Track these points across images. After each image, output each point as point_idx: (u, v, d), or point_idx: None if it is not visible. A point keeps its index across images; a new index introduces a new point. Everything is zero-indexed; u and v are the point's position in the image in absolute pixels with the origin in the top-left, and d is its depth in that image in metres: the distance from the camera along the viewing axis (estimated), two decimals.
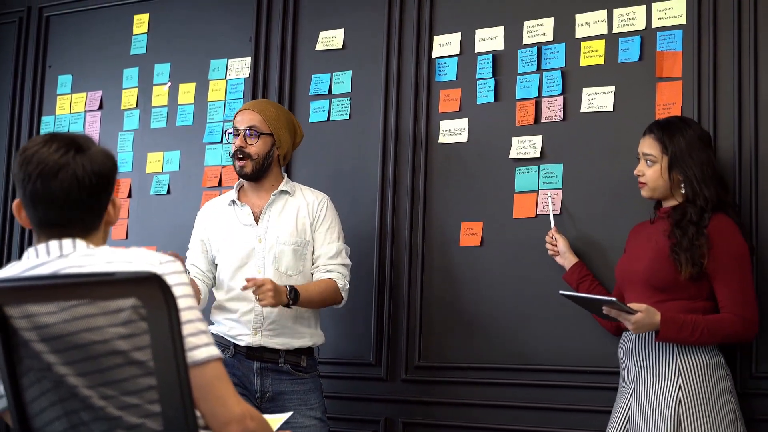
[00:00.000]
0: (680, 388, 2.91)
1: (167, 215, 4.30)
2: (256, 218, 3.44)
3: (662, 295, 3.00)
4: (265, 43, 4.25)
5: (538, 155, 3.60)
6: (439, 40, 3.88)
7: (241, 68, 4.28)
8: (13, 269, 1.95)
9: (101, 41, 4.65)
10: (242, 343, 3.35)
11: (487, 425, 3.59)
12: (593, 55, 3.56)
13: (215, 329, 3.39)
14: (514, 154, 3.64)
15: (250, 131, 3.41)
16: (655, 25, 3.47)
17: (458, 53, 3.83)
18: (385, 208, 3.87)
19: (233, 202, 3.49)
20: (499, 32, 3.76)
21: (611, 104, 3.51)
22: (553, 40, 3.65)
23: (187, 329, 1.82)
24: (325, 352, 3.66)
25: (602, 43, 3.56)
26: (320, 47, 4.13)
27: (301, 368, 3.39)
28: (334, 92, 4.07)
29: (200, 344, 1.85)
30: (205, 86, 4.35)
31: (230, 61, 4.31)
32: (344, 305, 3.49)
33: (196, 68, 4.38)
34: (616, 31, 3.54)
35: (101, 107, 4.61)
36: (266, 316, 3.35)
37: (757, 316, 2.99)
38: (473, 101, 3.77)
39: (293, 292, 3.23)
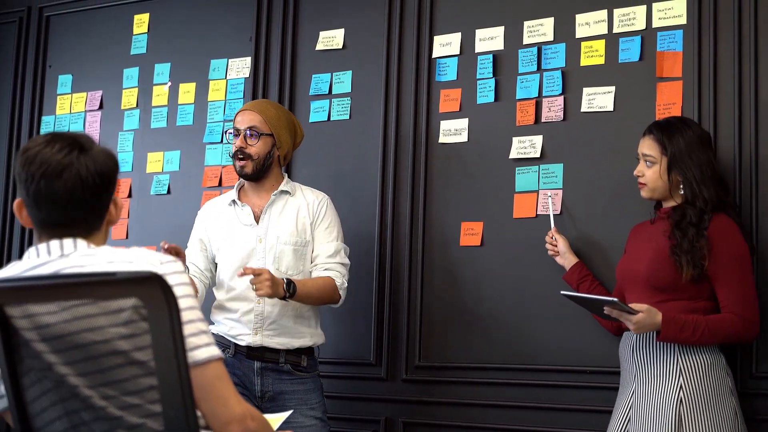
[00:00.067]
0: (681, 388, 2.91)
1: (167, 215, 4.30)
2: (256, 218, 3.45)
3: (663, 295, 3.00)
4: (265, 43, 4.25)
5: (538, 155, 3.60)
6: (439, 40, 3.88)
7: (241, 68, 4.28)
8: (13, 269, 1.95)
9: (101, 41, 4.65)
10: (243, 342, 3.35)
11: (487, 425, 3.59)
12: (593, 55, 3.56)
13: (215, 329, 3.39)
14: (514, 154, 3.65)
15: (250, 132, 3.41)
16: (655, 25, 3.48)
17: (458, 53, 3.83)
18: (385, 208, 3.87)
19: (234, 202, 3.49)
20: (499, 32, 3.76)
21: (611, 104, 3.51)
22: (553, 40, 3.65)
23: (188, 329, 1.82)
24: (325, 351, 3.66)
25: (602, 43, 3.56)
26: (320, 47, 4.13)
27: (301, 368, 3.40)
28: (334, 92, 4.07)
29: (201, 344, 1.85)
30: (205, 86, 4.35)
31: (230, 61, 4.31)
32: (344, 305, 3.49)
33: (196, 68, 4.38)
34: (616, 31, 3.54)
35: (101, 107, 4.61)
36: (267, 315, 3.35)
37: (757, 316, 2.99)
38: (473, 101, 3.77)
39: (290, 285, 3.23)
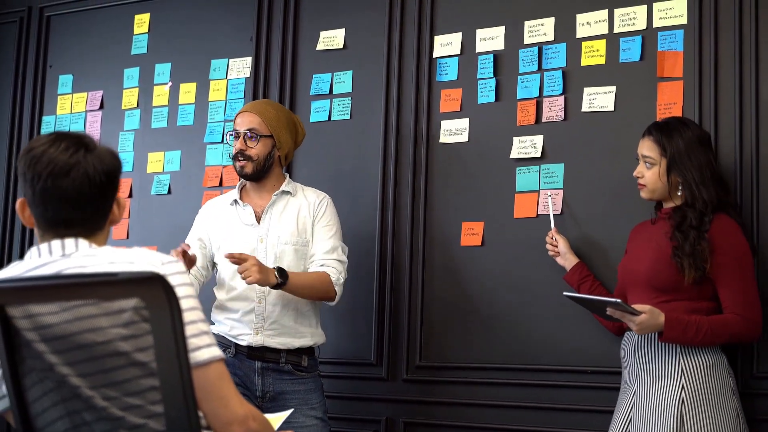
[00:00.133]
0: (683, 388, 2.91)
1: (168, 215, 4.30)
2: (257, 218, 3.45)
3: (665, 295, 3.00)
4: (266, 43, 4.25)
5: (539, 155, 3.60)
6: (440, 39, 3.88)
7: (242, 68, 4.28)
8: (15, 269, 1.95)
9: (102, 41, 4.65)
10: (243, 342, 3.35)
11: (487, 425, 3.59)
12: (594, 54, 3.56)
13: (216, 329, 3.39)
14: (515, 153, 3.64)
15: (250, 134, 3.42)
16: (656, 24, 3.48)
17: (459, 53, 3.83)
18: (386, 208, 3.87)
19: (235, 201, 3.50)
20: (500, 32, 3.76)
21: (612, 104, 3.51)
22: (554, 39, 3.65)
23: (189, 330, 1.81)
24: (326, 351, 3.66)
25: (603, 42, 3.56)
26: (321, 47, 4.13)
27: (302, 368, 3.40)
28: (334, 92, 4.07)
29: (202, 345, 1.85)
30: (205, 86, 4.35)
31: (231, 61, 4.31)
32: (344, 305, 3.50)
33: (196, 68, 4.38)
34: (617, 30, 3.54)
35: (102, 107, 4.61)
36: (268, 315, 3.35)
37: (760, 316, 2.99)
38: (474, 101, 3.77)
39: (282, 273, 3.23)
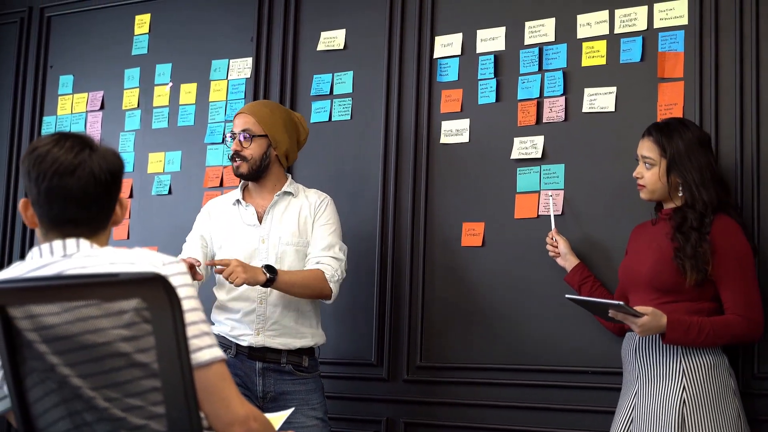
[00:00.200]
0: (684, 388, 2.91)
1: (168, 215, 4.30)
2: (259, 218, 3.45)
3: (666, 296, 3.00)
4: (266, 43, 4.25)
5: (539, 156, 3.60)
6: (440, 40, 3.88)
7: (242, 68, 4.28)
8: (16, 270, 1.96)
9: (103, 41, 4.65)
10: (244, 343, 3.35)
11: (488, 425, 3.59)
12: (595, 55, 3.56)
13: (216, 329, 3.39)
14: (515, 154, 3.65)
15: (244, 134, 3.43)
16: (656, 25, 3.48)
17: (460, 54, 3.83)
18: (386, 208, 3.87)
19: (238, 201, 3.50)
20: (500, 33, 3.76)
21: (613, 105, 3.51)
22: (554, 40, 3.65)
23: (190, 331, 1.81)
24: (326, 352, 3.66)
25: (604, 43, 3.56)
26: (321, 47, 4.13)
27: (302, 368, 3.40)
28: (335, 93, 4.07)
29: (204, 346, 1.85)
30: (206, 86, 4.35)
31: (231, 61, 4.31)
32: (345, 305, 3.49)
33: (197, 69, 4.38)
34: (617, 31, 3.54)
35: (102, 107, 4.61)
36: (269, 316, 3.35)
37: (762, 316, 2.99)
38: (475, 102, 3.77)
39: (271, 270, 3.22)
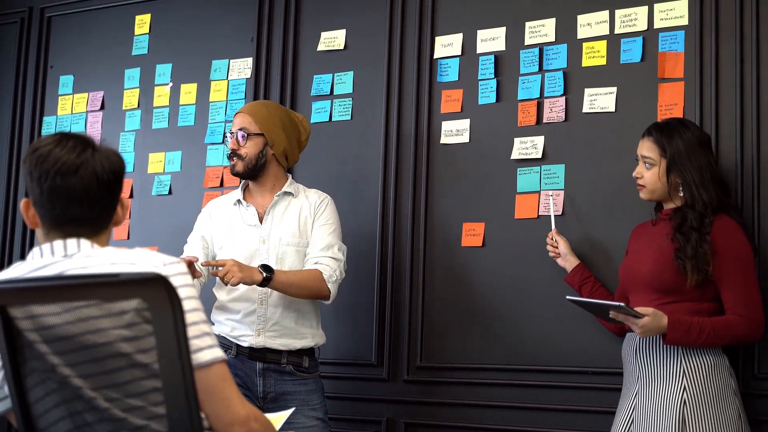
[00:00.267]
0: (685, 389, 2.91)
1: (169, 216, 4.31)
2: (260, 219, 3.45)
3: (666, 297, 3.00)
4: (266, 43, 4.25)
5: (539, 156, 3.60)
6: (440, 40, 3.88)
7: (242, 69, 4.28)
8: (17, 270, 1.96)
9: (103, 42, 4.65)
10: (245, 344, 3.35)
11: (488, 426, 3.59)
12: (595, 55, 3.56)
13: (216, 329, 3.39)
14: (515, 154, 3.65)
15: (240, 133, 3.44)
16: (657, 26, 3.48)
17: (460, 54, 3.83)
18: (386, 208, 3.87)
19: (239, 201, 3.50)
20: (500, 33, 3.76)
21: (613, 105, 3.51)
22: (554, 40, 3.65)
23: (191, 331, 1.81)
24: (326, 352, 3.66)
25: (604, 43, 3.56)
26: (322, 48, 4.13)
27: (303, 369, 3.40)
28: (335, 93, 4.07)
29: (204, 346, 1.85)
30: (206, 87, 4.35)
31: (232, 61, 4.31)
32: (346, 306, 3.49)
33: (197, 69, 4.38)
34: (618, 31, 3.54)
35: (103, 107, 4.61)
36: (269, 317, 3.35)
37: (763, 316, 2.99)
38: (475, 102, 3.77)
39: (268, 269, 3.23)
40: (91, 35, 4.70)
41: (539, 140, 3.61)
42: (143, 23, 4.56)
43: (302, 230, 3.43)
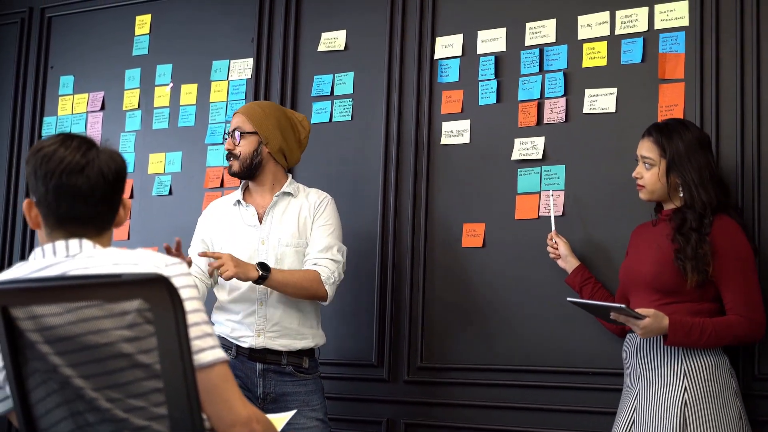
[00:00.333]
0: (686, 390, 2.91)
1: (169, 216, 4.31)
2: (260, 219, 3.45)
3: (667, 298, 3.00)
4: (267, 44, 4.25)
5: (540, 157, 3.60)
6: (441, 41, 3.88)
7: (243, 69, 4.28)
8: (19, 270, 1.96)
9: (103, 42, 4.65)
10: (245, 344, 3.35)
11: (489, 426, 3.59)
12: (596, 56, 3.56)
13: (217, 330, 3.38)
14: (516, 155, 3.65)
15: (235, 133, 3.45)
16: (657, 26, 3.48)
17: (460, 54, 3.83)
18: (387, 209, 3.87)
19: (238, 202, 3.50)
20: (501, 34, 3.76)
21: (614, 106, 3.51)
22: (555, 41, 3.65)
23: (193, 332, 1.81)
24: (327, 353, 3.66)
25: (605, 44, 3.56)
26: (322, 48, 4.13)
27: (303, 369, 3.39)
28: (336, 93, 4.07)
29: (206, 347, 1.85)
30: (207, 87, 4.35)
31: (232, 62, 4.31)
32: (346, 306, 3.49)
33: (198, 69, 4.38)
34: (618, 32, 3.54)
35: (103, 108, 4.61)
36: (269, 317, 3.35)
37: (764, 317, 2.99)
38: (475, 103, 3.77)
39: (264, 267, 3.23)
40: (91, 35, 4.70)
41: (540, 141, 3.61)
42: (144, 24, 4.57)
43: (301, 231, 3.43)
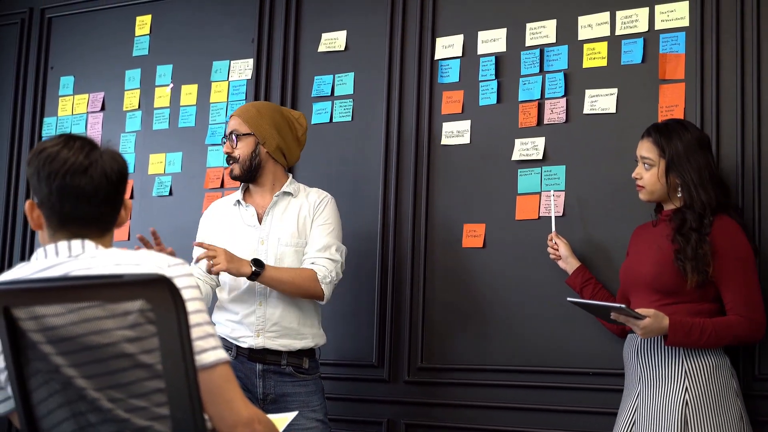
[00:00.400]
0: (687, 390, 2.91)
1: (169, 216, 4.30)
2: (260, 219, 3.45)
3: (667, 298, 3.00)
4: (267, 44, 4.26)
5: (540, 157, 3.60)
6: (441, 41, 3.88)
7: (243, 70, 4.28)
8: (22, 271, 1.96)
9: (103, 42, 4.66)
10: (245, 345, 3.35)
11: (489, 427, 3.59)
12: (596, 57, 3.57)
13: (217, 330, 3.38)
14: (516, 155, 3.65)
15: (232, 136, 3.45)
16: (657, 27, 3.48)
17: (461, 55, 3.83)
18: (387, 209, 3.87)
19: (238, 202, 3.50)
20: (501, 34, 3.77)
21: (614, 106, 3.51)
22: (555, 42, 3.65)
23: (195, 332, 1.81)
24: (327, 353, 3.66)
25: (605, 45, 3.56)
26: (323, 49, 4.13)
27: (302, 370, 3.39)
28: (336, 94, 4.07)
29: (208, 347, 1.86)
30: (207, 88, 4.36)
31: (232, 62, 4.31)
32: (346, 307, 3.48)
33: (198, 70, 4.38)
34: (618, 33, 3.54)
35: (103, 108, 4.61)
36: (269, 318, 3.35)
37: (764, 317, 2.99)
38: (476, 103, 3.77)
39: (258, 264, 3.24)
40: (91, 36, 4.70)
41: (540, 141, 3.61)
42: (144, 24, 4.57)
43: (301, 230, 3.43)
